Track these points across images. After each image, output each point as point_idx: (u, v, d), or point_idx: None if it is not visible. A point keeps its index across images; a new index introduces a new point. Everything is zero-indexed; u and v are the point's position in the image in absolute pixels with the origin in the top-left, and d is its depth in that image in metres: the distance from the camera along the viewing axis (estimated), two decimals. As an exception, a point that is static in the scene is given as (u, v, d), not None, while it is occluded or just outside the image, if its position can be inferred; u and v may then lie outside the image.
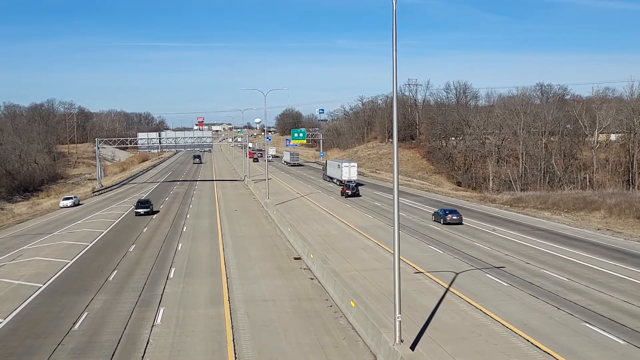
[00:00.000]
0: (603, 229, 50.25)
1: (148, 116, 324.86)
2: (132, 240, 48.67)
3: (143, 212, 63.96)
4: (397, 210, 21.17)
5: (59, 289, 33.07)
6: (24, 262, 41.17)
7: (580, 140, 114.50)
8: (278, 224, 54.75)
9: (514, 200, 71.49)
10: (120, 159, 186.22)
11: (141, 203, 66.36)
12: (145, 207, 65.28)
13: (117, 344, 23.89)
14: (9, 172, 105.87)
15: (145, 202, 67.20)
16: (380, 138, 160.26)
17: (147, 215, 63.65)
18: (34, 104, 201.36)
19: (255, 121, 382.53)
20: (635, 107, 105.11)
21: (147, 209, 64.84)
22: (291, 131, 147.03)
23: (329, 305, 28.62)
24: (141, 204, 65.80)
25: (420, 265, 36.54)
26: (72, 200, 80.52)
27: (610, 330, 24.18)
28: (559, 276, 33.52)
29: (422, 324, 25.34)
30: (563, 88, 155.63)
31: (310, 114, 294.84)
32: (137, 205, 65.76)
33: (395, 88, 20.90)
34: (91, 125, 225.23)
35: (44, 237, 52.61)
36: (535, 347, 22.41)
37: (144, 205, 65.75)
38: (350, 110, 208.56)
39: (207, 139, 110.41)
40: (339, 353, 22.56)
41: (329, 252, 41.64)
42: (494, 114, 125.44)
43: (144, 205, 65.56)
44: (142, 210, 64.46)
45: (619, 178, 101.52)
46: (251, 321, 26.45)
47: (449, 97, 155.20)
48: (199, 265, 38.61)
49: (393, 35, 20.22)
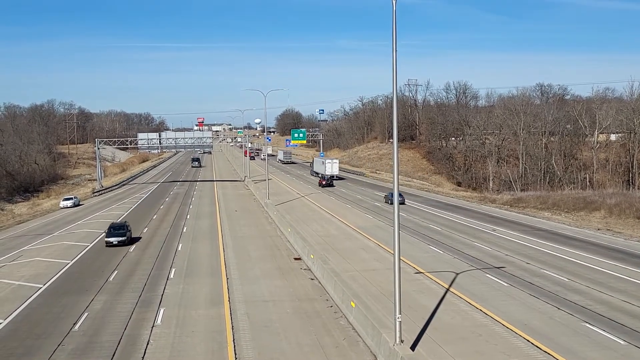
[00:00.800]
0: (603, 229, 50.25)
1: (148, 116, 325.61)
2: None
3: (116, 242, 45.43)
4: (397, 210, 21.18)
5: (59, 290, 33.06)
6: (24, 262, 41.18)
7: (580, 140, 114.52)
8: (278, 224, 54.75)
9: (514, 201, 71.51)
10: (120, 159, 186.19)
11: (114, 229, 46.95)
12: (120, 233, 46.21)
13: (118, 344, 23.89)
14: (9, 172, 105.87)
15: (120, 227, 47.74)
16: (380, 138, 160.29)
17: (122, 245, 45.45)
18: (34, 104, 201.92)
19: (255, 121, 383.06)
20: (635, 107, 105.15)
21: (121, 237, 45.81)
22: (291, 131, 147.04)
23: (329, 306, 28.63)
24: (114, 230, 46.64)
25: (421, 266, 36.54)
26: (72, 200, 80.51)
27: (610, 330, 24.18)
28: (559, 276, 33.52)
29: (423, 324, 25.35)
30: (563, 88, 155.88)
31: (310, 114, 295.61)
32: (108, 232, 46.47)
33: (395, 88, 20.91)
34: (91, 126, 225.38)
35: (44, 237, 52.61)
36: (536, 347, 22.41)
37: (117, 231, 46.46)
38: (350, 111, 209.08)
39: (207, 140, 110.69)
40: (339, 353, 22.56)
41: (329, 252, 41.65)
42: (494, 114, 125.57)
43: (117, 232, 46.32)
44: (115, 239, 45.54)
45: (619, 178, 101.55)
46: (251, 321, 26.45)
47: (449, 97, 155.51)
48: (199, 266, 38.62)
49: (393, 35, 20.23)
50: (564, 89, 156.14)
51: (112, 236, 45.78)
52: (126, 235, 46.38)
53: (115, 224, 48.97)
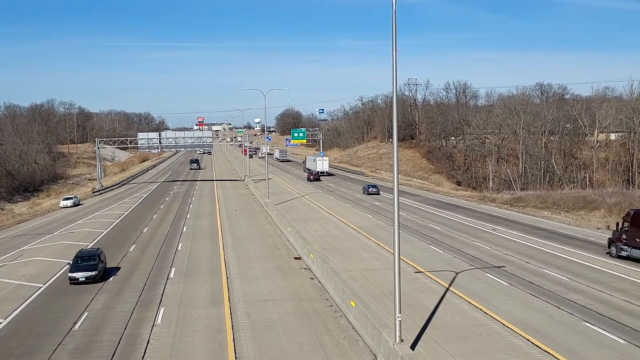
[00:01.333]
0: (603, 228, 50.23)
1: (148, 116, 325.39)
2: (133, 240, 48.67)
3: (84, 279, 33.22)
4: (397, 210, 21.16)
5: (59, 289, 33.04)
6: (25, 262, 41.18)
7: (580, 139, 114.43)
8: (278, 223, 54.75)
9: (514, 200, 71.51)
10: (120, 159, 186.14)
11: (82, 259, 34.38)
12: (88, 267, 33.76)
13: (118, 343, 23.91)
14: (9, 172, 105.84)
15: (89, 257, 34.85)
16: (380, 138, 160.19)
17: (91, 282, 33.34)
18: (34, 104, 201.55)
19: (255, 121, 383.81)
20: (635, 107, 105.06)
21: (90, 272, 33.46)
22: (291, 131, 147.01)
23: (329, 305, 28.63)
24: (82, 262, 34.13)
25: (421, 265, 36.55)
26: (72, 200, 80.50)
27: (610, 329, 24.19)
28: (559, 275, 33.53)
29: (423, 323, 25.35)
30: (563, 87, 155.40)
31: (310, 114, 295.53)
32: (73, 264, 34.06)
33: (395, 88, 20.90)
34: (91, 125, 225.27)
35: (44, 237, 52.61)
36: (536, 347, 22.42)
37: (86, 264, 33.99)
38: (350, 110, 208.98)
39: (207, 139, 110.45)
40: (339, 353, 22.57)
41: (329, 251, 41.65)
42: (493, 114, 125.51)
43: (86, 265, 33.84)
44: (82, 275, 33.23)
45: (618, 177, 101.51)
46: (251, 321, 26.46)
47: (448, 97, 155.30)
48: (199, 265, 38.63)
49: (393, 35, 20.23)
50: (564, 88, 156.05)
51: (79, 270, 33.37)
52: (97, 269, 33.63)
53: (83, 253, 35.51)
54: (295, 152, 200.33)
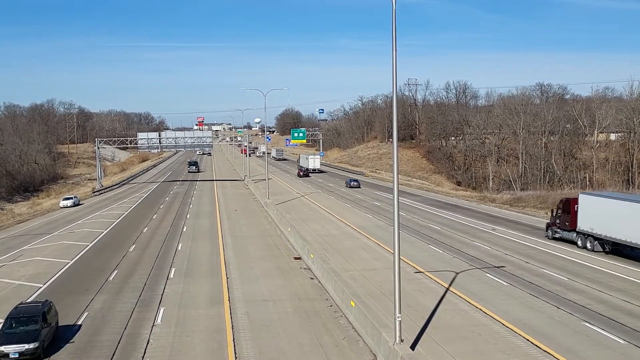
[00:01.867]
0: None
1: (148, 116, 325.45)
2: (133, 240, 48.69)
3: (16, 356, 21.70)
4: (397, 210, 21.18)
5: (59, 289, 33.06)
6: (24, 262, 41.19)
7: (580, 139, 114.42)
8: (278, 223, 54.77)
9: (514, 200, 71.51)
10: (120, 159, 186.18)
11: (17, 322, 22.93)
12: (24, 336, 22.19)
13: (118, 343, 23.92)
14: (9, 172, 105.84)
15: (29, 319, 23.01)
16: (380, 138, 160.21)
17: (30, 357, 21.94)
18: (34, 104, 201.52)
19: (255, 121, 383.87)
20: (635, 107, 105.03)
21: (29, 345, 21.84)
22: (291, 131, 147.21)
23: (329, 305, 28.65)
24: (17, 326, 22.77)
25: (421, 265, 36.56)
26: (72, 200, 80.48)
27: (610, 329, 24.20)
28: (558, 275, 33.54)
29: (422, 323, 25.37)
30: (563, 88, 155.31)
31: (310, 114, 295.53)
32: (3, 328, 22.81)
33: (395, 88, 20.91)
34: (91, 125, 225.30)
35: (44, 237, 52.62)
36: (535, 347, 22.43)
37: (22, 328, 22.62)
38: (350, 110, 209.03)
39: (207, 139, 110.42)
40: (339, 353, 22.59)
41: (329, 251, 41.66)
42: (493, 114, 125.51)
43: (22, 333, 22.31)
44: (14, 349, 21.72)
45: (618, 177, 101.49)
46: (251, 321, 26.47)
47: (448, 97, 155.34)
48: (199, 265, 38.64)
49: (393, 35, 20.24)
50: (564, 88, 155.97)
51: (9, 341, 22.05)
52: (38, 339, 22.14)
53: (20, 311, 23.72)
54: (295, 152, 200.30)
